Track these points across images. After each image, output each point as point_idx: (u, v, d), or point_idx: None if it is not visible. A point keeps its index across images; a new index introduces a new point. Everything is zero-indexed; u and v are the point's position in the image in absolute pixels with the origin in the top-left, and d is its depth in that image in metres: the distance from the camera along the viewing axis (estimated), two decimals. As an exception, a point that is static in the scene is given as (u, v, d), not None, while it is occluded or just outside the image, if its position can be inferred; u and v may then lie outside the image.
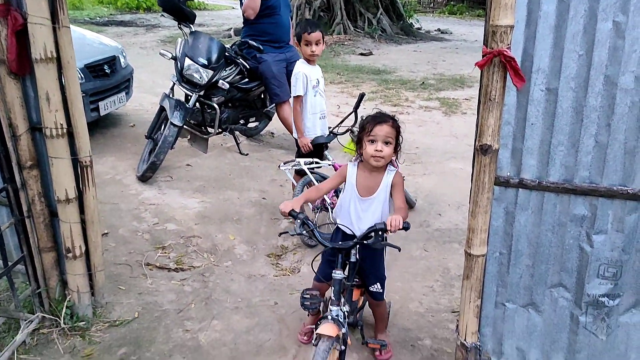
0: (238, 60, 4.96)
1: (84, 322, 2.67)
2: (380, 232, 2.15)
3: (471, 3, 23.42)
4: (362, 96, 3.75)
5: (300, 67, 3.66)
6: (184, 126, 4.65)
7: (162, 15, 4.83)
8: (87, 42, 5.74)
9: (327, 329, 2.09)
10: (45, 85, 2.28)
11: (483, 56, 1.80)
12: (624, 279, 1.95)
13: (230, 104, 5.25)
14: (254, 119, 5.71)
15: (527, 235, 1.99)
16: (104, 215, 3.83)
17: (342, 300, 2.22)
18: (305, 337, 2.70)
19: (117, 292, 3.04)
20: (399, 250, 2.28)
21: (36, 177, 2.49)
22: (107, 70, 5.41)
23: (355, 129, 3.39)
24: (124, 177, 4.70)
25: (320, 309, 2.34)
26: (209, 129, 5.05)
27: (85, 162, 2.49)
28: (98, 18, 16.83)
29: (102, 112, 5.30)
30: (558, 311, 2.05)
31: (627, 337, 2.02)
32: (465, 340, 2.10)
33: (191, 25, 4.76)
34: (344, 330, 2.14)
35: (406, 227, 2.11)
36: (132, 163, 4.92)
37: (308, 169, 3.58)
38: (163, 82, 8.45)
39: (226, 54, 4.82)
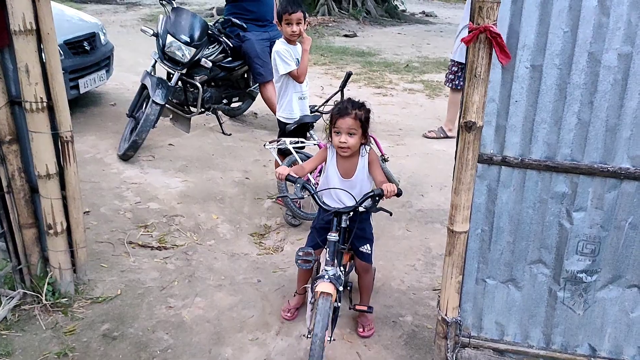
0: (221, 39, 4.89)
1: (66, 299, 2.65)
2: (377, 198, 2.35)
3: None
4: (349, 75, 3.73)
5: (280, 46, 3.61)
6: (166, 105, 4.59)
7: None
8: (66, 18, 5.60)
9: (325, 287, 2.23)
10: (24, 58, 2.23)
11: (469, 32, 1.80)
12: (602, 256, 1.99)
13: (213, 83, 5.19)
14: (237, 98, 5.66)
15: (509, 213, 2.02)
16: (85, 194, 3.78)
17: (336, 261, 2.36)
18: (288, 314, 2.76)
19: (100, 270, 3.01)
20: (391, 214, 2.51)
21: (16, 152, 2.45)
22: (86, 47, 5.30)
23: None
24: (105, 156, 4.63)
25: (314, 268, 2.49)
26: (192, 109, 5.00)
27: (66, 137, 2.45)
28: (77, -5, 16.41)
29: (82, 90, 5.20)
30: (537, 287, 2.09)
31: (603, 312, 2.07)
32: (446, 315, 2.14)
33: (173, 2, 4.68)
34: (340, 288, 2.31)
35: (399, 193, 2.35)
36: (113, 142, 4.85)
37: (293, 148, 3.57)
38: (144, 61, 8.28)
39: (209, 31, 4.75)
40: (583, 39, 1.78)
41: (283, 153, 3.70)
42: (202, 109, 4.99)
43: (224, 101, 5.45)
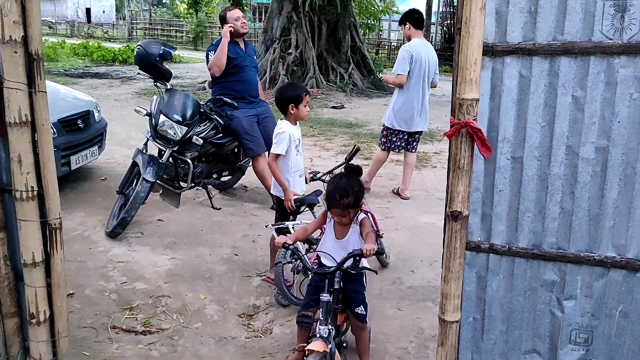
0: (212, 116, 5.01)
1: (45, 392, 2.55)
2: (357, 257, 2.50)
3: (438, 60, 24.26)
4: (357, 150, 3.77)
5: (286, 127, 3.72)
6: (157, 181, 4.63)
7: (139, 73, 4.89)
8: (61, 97, 5.74)
9: (316, 345, 2.37)
10: (17, 148, 2.26)
11: (451, 126, 1.87)
12: (595, 345, 1.97)
13: (203, 159, 5.26)
14: (227, 173, 5.72)
15: (500, 300, 2.01)
16: (70, 274, 3.73)
17: (329, 320, 2.51)
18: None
19: (81, 358, 2.92)
20: (376, 273, 2.75)
21: (3, 239, 2.43)
22: (80, 125, 5.39)
23: None
24: (93, 233, 4.60)
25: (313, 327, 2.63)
26: (182, 184, 5.03)
27: (55, 224, 2.44)
28: (73, 70, 16.89)
29: (73, 167, 5.24)
30: (532, 377, 2.06)
31: (600, 403, 2.03)
32: (440, 408, 2.08)
33: (167, 84, 4.82)
34: (330, 346, 2.42)
35: (380, 252, 2.59)
36: (101, 219, 4.84)
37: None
38: (137, 135, 8.43)
39: (201, 110, 4.87)
40: (560, 133, 1.85)
41: (283, 233, 3.70)
42: (192, 184, 5.03)
43: (214, 176, 5.50)
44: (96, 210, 5.08)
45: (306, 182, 3.64)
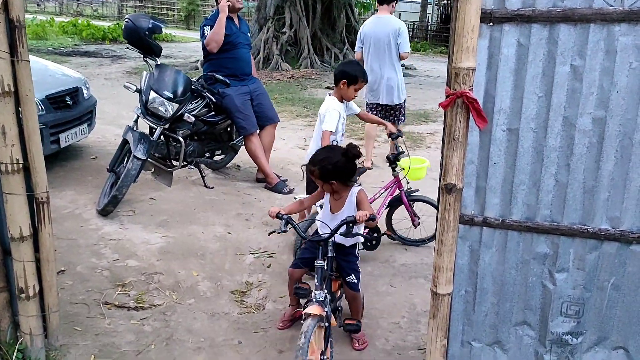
0: (204, 94, 4.94)
1: (36, 367, 2.53)
2: (350, 224, 2.57)
3: (434, 40, 24.15)
4: (363, 171, 3.67)
5: (335, 104, 3.72)
6: (148, 159, 4.57)
7: (128, 48, 4.80)
8: (49, 73, 5.63)
9: (313, 309, 2.46)
10: (1, 120, 2.21)
11: (446, 97, 1.83)
12: (586, 317, 1.97)
13: (196, 137, 5.20)
14: (220, 152, 5.67)
15: (492, 273, 2.00)
16: (61, 251, 3.70)
17: (324, 286, 2.61)
18: (280, 324, 3.10)
19: (73, 334, 2.90)
20: (366, 240, 3.04)
21: (-12, 214, 2.39)
22: (69, 102, 5.30)
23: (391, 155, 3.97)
24: (84, 211, 4.56)
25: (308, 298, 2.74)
26: (174, 162, 4.98)
27: (42, 198, 2.40)
28: (62, 48, 16.62)
29: (63, 144, 5.16)
30: (523, 349, 2.06)
31: (590, 375, 2.03)
32: (432, 380, 2.08)
33: (157, 59, 4.73)
34: (327, 309, 2.55)
35: (372, 218, 2.57)
36: (92, 197, 4.79)
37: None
38: (127, 113, 8.34)
39: (192, 87, 4.80)
40: (557, 104, 1.82)
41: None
42: (185, 163, 4.98)
43: (207, 154, 5.45)
44: (87, 188, 5.02)
45: None
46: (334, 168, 2.69)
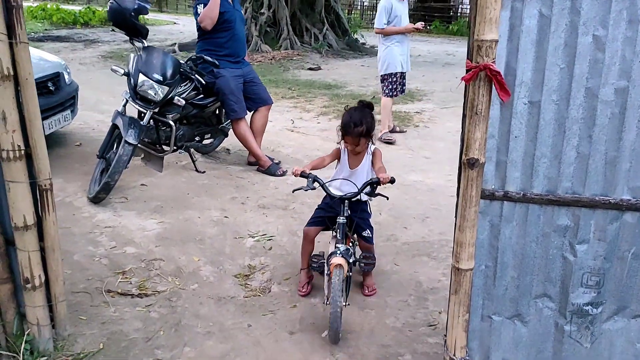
0: (193, 76, 4.84)
1: (45, 357, 2.47)
2: (375, 185, 2.84)
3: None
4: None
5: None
6: (138, 144, 4.47)
7: (113, 30, 4.67)
8: (30, 58, 5.43)
9: (338, 260, 2.68)
10: (1, 104, 2.11)
11: (467, 70, 1.81)
12: (606, 287, 1.99)
13: (185, 121, 5.10)
14: (209, 135, 5.58)
15: (512, 247, 2.01)
16: (57, 240, 3.61)
17: (345, 239, 2.85)
18: (303, 290, 3.21)
19: (79, 323, 2.84)
20: (387, 199, 3.01)
21: (-10, 203, 2.30)
22: (51, 88, 5.15)
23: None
24: (75, 199, 4.46)
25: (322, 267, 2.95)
26: (164, 147, 4.88)
27: (45, 185, 2.32)
28: (33, 34, 16.10)
29: (47, 132, 5.01)
30: (543, 321, 2.07)
31: (610, 344, 2.06)
32: (454, 355, 2.08)
33: (144, 41, 4.61)
34: (350, 260, 2.80)
35: (392, 181, 2.80)
36: (82, 184, 4.68)
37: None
38: (107, 99, 8.16)
39: (181, 69, 4.69)
40: (579, 75, 1.81)
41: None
42: (175, 147, 4.89)
43: (197, 138, 5.36)
44: (75, 176, 4.91)
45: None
46: (372, 123, 2.92)
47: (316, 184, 2.90)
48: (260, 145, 5.49)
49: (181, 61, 4.81)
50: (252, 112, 5.45)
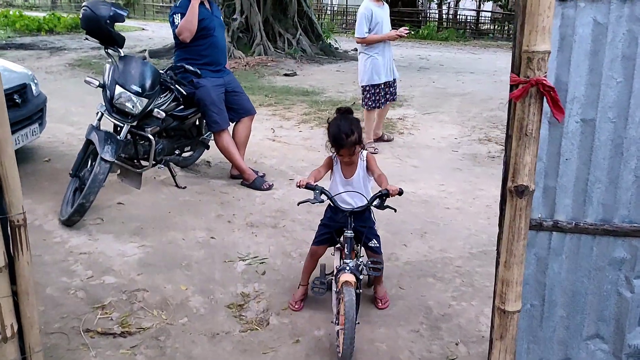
0: (173, 86, 4.52)
1: (18, 420, 2.13)
2: (384, 197, 2.76)
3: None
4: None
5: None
6: (115, 161, 4.13)
7: (86, 39, 4.29)
8: (-8, 69, 5.02)
9: (348, 277, 2.58)
10: (-38, 129, 1.79)
11: (513, 86, 1.57)
12: (666, 326, 1.79)
13: (164, 134, 4.78)
14: (189, 148, 5.26)
15: (561, 283, 1.78)
16: (27, 272, 3.24)
17: (353, 254, 2.78)
18: (296, 306, 3.10)
19: (56, 372, 2.51)
20: (395, 211, 2.85)
21: (-50, 243, 1.96)
22: (17, 100, 4.77)
23: None
24: (45, 222, 4.09)
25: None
26: (143, 163, 4.55)
27: (18, 221, 1.99)
28: (-6, 41, 15.42)
29: (14, 148, 4.60)
30: (595, 364, 1.86)
31: (668, 388, 1.86)
32: (497, 406, 1.84)
33: (120, 50, 4.27)
34: (360, 277, 2.70)
35: (401, 192, 2.77)
36: (52, 205, 4.31)
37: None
38: (77, 109, 7.74)
39: (160, 79, 4.37)
40: (639, 90, 1.60)
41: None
42: (154, 162, 4.56)
43: (177, 152, 5.03)
44: (45, 195, 4.53)
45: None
46: (361, 128, 2.85)
47: (324, 197, 2.80)
48: (244, 157, 5.19)
49: (160, 71, 4.48)
50: (234, 122, 5.15)
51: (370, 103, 6.32)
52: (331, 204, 2.90)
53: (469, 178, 5.44)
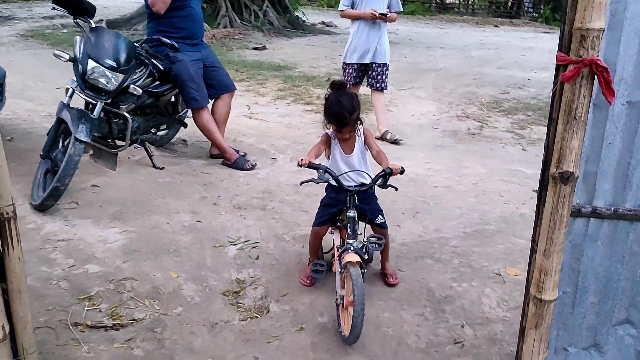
0: (148, 61, 4.27)
1: None
2: (387, 176, 2.72)
3: None
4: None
5: None
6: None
7: (54, 8, 3.97)
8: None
9: (352, 257, 2.55)
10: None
11: (559, 65, 1.48)
12: (698, 310, 1.77)
13: (139, 112, 4.53)
14: (164, 126, 5.02)
15: (595, 270, 1.74)
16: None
17: (357, 234, 2.72)
18: (308, 281, 3.07)
19: (47, 371, 2.34)
20: (397, 189, 2.88)
21: None
22: (-25, 76, 4.41)
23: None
24: (16, 207, 3.81)
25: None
26: (118, 142, 4.30)
27: (7, 213, 1.81)
28: None
29: (-26, 127, 4.29)
30: (623, 350, 1.84)
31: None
32: (527, 395, 1.80)
33: (91, 20, 3.98)
34: (365, 257, 2.67)
35: (402, 171, 2.75)
36: (21, 188, 4.02)
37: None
38: (35, 84, 7.30)
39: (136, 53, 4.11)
40: (688, 70, 1.53)
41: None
42: (130, 142, 4.31)
43: (152, 130, 4.79)
44: (11, 178, 4.21)
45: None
46: (359, 102, 2.78)
47: (327, 176, 2.74)
48: (224, 136, 5.00)
49: (135, 44, 4.21)
50: (213, 99, 4.94)
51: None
52: (334, 183, 2.82)
53: (453, 155, 5.41)
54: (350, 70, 5.95)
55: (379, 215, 2.99)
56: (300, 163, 2.73)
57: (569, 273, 1.75)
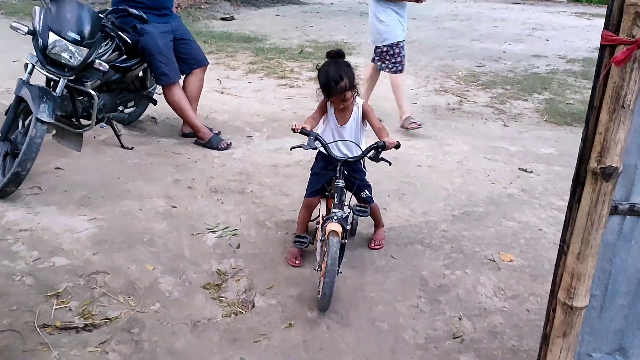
0: (114, 34, 3.92)
1: None
2: (379, 149, 2.70)
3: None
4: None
5: None
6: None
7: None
8: None
9: (335, 226, 2.55)
10: None
11: (605, 46, 1.30)
12: None
13: (104, 88, 4.19)
14: (132, 103, 4.69)
15: (627, 271, 1.60)
16: (-42, 258, 2.74)
17: (343, 204, 2.69)
18: (297, 262, 3.00)
19: (14, 384, 2.10)
20: (390, 164, 2.82)
21: None
22: None
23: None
24: (-30, 194, 3.48)
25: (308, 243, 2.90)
26: (83, 122, 3.98)
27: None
28: None
29: None
30: (648, 354, 1.72)
31: None
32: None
33: (51, -11, 3.60)
34: (347, 227, 2.66)
35: (398, 146, 2.72)
36: (-23, 173, 3.68)
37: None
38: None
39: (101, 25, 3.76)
40: None
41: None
42: (96, 121, 3.99)
43: (119, 108, 4.46)
44: (-36, 161, 3.87)
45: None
46: (352, 73, 2.71)
47: (317, 143, 2.72)
48: (196, 113, 4.71)
49: (100, 15, 3.85)
50: (184, 75, 4.63)
51: (397, 65, 5.23)
52: (324, 151, 2.81)
53: (434, 132, 5.26)
54: (398, 50, 5.14)
55: (365, 190, 2.99)
56: (293, 127, 2.72)
57: (599, 275, 1.60)
